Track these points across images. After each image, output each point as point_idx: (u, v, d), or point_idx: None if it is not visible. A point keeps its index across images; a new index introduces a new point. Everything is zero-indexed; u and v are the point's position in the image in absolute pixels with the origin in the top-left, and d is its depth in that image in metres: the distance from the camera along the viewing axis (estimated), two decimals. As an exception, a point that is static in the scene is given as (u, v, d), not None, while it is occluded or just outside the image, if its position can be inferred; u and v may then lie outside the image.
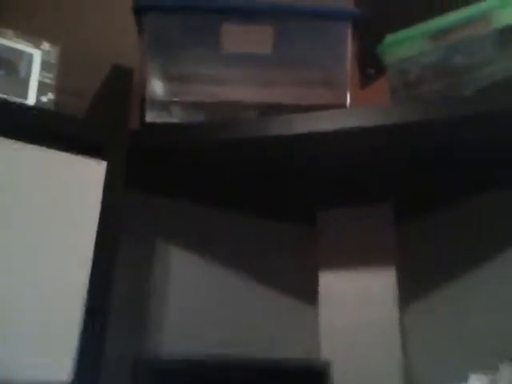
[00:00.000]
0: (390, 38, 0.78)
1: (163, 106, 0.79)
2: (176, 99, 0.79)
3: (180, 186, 0.92)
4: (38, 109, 0.74)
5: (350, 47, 0.80)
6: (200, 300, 0.96)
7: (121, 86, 0.78)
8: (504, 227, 0.90)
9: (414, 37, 0.76)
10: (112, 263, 0.70)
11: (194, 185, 0.91)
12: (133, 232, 0.91)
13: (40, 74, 0.77)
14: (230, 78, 0.80)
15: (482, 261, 0.92)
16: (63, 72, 0.79)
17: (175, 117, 0.79)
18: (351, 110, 0.74)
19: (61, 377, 0.62)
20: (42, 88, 0.76)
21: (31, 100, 0.75)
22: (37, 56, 0.77)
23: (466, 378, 0.70)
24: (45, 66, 0.77)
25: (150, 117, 0.79)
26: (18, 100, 0.73)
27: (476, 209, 0.94)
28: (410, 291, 1.00)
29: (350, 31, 0.79)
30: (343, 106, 0.79)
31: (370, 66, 1.01)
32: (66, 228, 0.68)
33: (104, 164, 0.73)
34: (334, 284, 0.97)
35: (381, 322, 0.93)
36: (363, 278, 0.96)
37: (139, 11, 0.79)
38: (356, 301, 0.95)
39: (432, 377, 0.92)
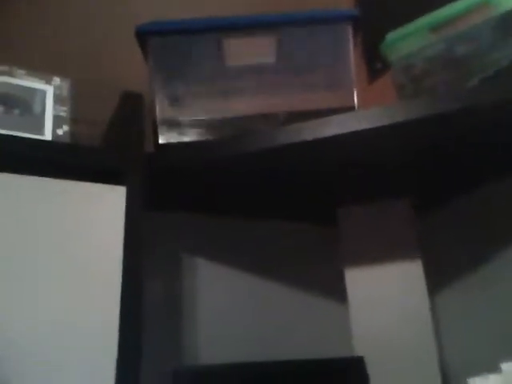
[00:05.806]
0: (391, 35, 0.78)
1: (175, 126, 0.81)
2: (187, 118, 0.81)
3: (200, 200, 0.93)
4: (55, 143, 0.76)
5: (351, 48, 0.80)
6: (231, 308, 0.97)
7: (132, 112, 0.80)
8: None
9: (415, 31, 0.76)
10: (139, 283, 0.72)
11: (214, 198, 0.93)
12: (160, 250, 0.93)
13: (54, 108, 0.79)
14: (237, 92, 0.81)
15: (509, 245, 0.91)
16: (75, 102, 0.81)
17: (188, 135, 0.81)
18: (360, 113, 0.74)
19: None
20: (57, 122, 0.79)
21: (48, 135, 0.77)
22: (49, 92, 0.80)
23: (499, 367, 0.70)
24: (57, 100, 0.80)
25: (164, 138, 0.80)
26: (35, 136, 0.76)
27: (498, 192, 0.93)
28: (439, 282, 0.99)
29: (350, 32, 0.80)
30: (351, 107, 0.79)
31: (378, 60, 1.00)
32: (93, 255, 0.71)
33: (123, 189, 0.75)
34: (361, 281, 0.97)
35: (412, 314, 0.93)
36: (390, 273, 0.96)
37: (142, 36, 0.81)
38: (385, 295, 0.95)
39: (466, 366, 0.91)
